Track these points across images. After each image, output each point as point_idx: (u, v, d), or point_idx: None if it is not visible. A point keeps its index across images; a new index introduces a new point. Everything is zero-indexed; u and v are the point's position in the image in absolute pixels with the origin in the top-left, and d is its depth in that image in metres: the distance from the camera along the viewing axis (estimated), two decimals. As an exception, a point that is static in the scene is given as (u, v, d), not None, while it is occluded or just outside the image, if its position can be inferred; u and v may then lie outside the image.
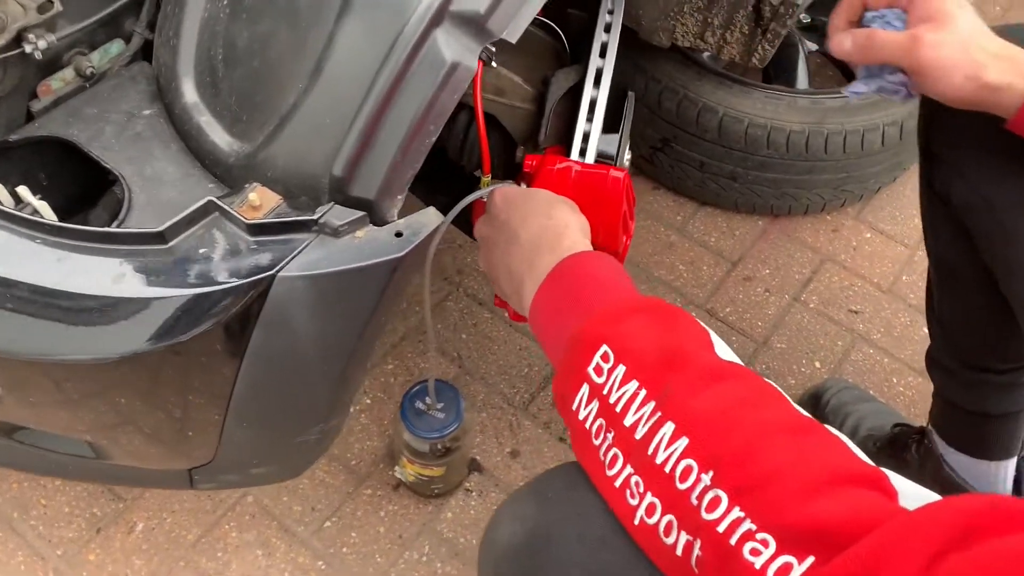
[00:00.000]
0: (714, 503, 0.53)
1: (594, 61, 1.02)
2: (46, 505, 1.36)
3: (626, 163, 1.13)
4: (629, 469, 0.59)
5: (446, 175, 1.19)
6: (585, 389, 0.64)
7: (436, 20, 0.66)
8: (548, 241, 0.78)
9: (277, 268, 0.67)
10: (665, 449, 0.57)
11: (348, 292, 0.70)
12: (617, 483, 0.60)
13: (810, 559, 0.49)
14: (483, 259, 0.89)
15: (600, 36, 1.04)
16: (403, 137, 0.68)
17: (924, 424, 1.27)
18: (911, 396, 1.53)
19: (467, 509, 1.38)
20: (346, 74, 0.68)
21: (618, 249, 1.03)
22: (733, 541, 0.52)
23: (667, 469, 0.56)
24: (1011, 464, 1.15)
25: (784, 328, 1.61)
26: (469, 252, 1.68)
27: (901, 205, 1.78)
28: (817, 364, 1.56)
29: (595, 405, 0.62)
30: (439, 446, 1.28)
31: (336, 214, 0.69)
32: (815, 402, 1.44)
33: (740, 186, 1.64)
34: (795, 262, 1.69)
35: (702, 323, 0.67)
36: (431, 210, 0.72)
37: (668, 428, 0.57)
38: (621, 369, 0.62)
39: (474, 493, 1.40)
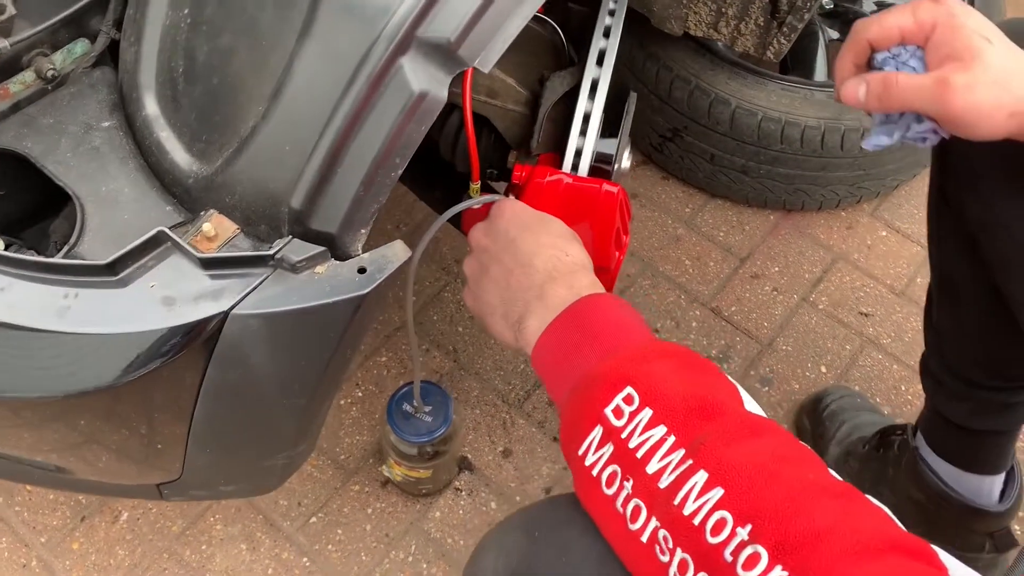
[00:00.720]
0: (752, 560, 0.50)
1: (590, 70, 0.96)
2: (31, 491, 1.35)
3: (626, 165, 1.08)
4: (655, 522, 0.55)
5: (441, 169, 1.15)
6: (597, 432, 0.59)
7: (402, 47, 0.61)
8: (564, 276, 0.74)
9: (230, 306, 0.64)
10: (695, 500, 0.53)
11: (307, 331, 0.66)
12: (644, 538, 0.56)
13: None
14: (474, 267, 0.84)
15: (598, 42, 0.97)
16: (366, 170, 0.63)
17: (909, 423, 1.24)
18: (919, 405, 1.47)
19: (456, 509, 1.36)
20: (306, 101, 0.64)
21: (610, 265, 0.98)
22: None
23: (696, 521, 0.52)
24: (998, 479, 1.11)
25: (791, 329, 1.56)
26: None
27: (920, 203, 1.70)
28: (823, 369, 1.52)
29: (608, 449, 0.58)
30: (427, 449, 1.25)
31: (294, 249, 0.65)
32: (815, 405, 1.40)
33: (752, 180, 1.57)
34: (806, 260, 1.63)
35: (731, 378, 0.63)
36: (398, 244, 0.68)
37: (700, 477, 0.53)
38: (647, 413, 0.57)
39: (464, 493, 1.37)
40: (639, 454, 0.56)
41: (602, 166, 1.02)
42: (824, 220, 1.68)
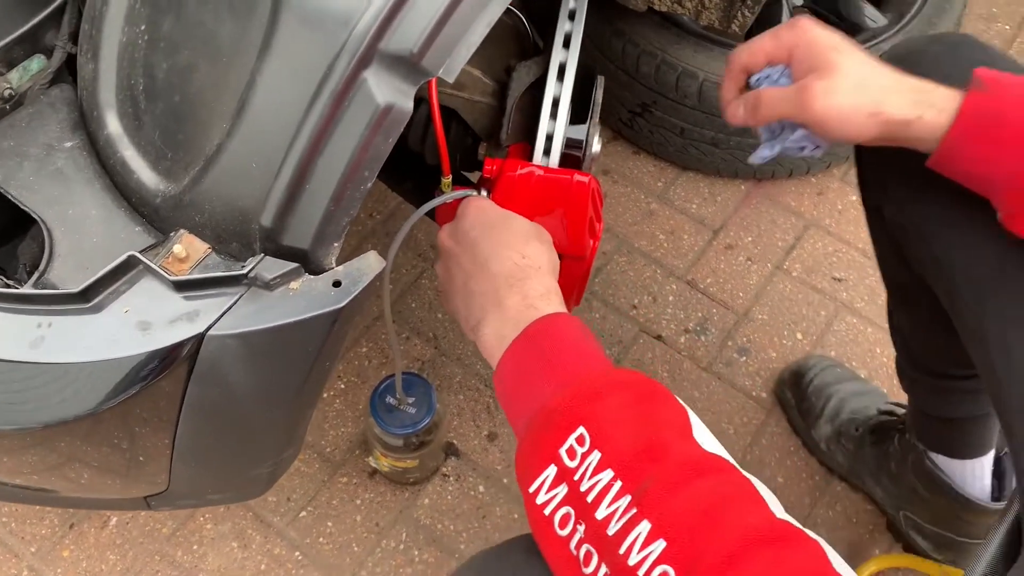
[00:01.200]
0: None
1: (557, 53, 0.95)
2: (17, 502, 1.34)
3: (597, 149, 1.08)
4: (605, 569, 0.55)
5: (412, 161, 1.14)
6: (551, 471, 0.59)
7: (365, 61, 0.60)
8: (519, 282, 0.74)
9: (206, 328, 0.63)
10: (640, 551, 0.53)
11: (285, 347, 0.66)
12: None
13: None
14: (441, 269, 0.85)
15: (564, 25, 0.97)
16: (335, 186, 0.63)
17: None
18: (893, 368, 1.50)
19: (444, 495, 1.37)
20: (270, 117, 0.63)
21: (584, 254, 0.98)
22: None
23: (640, 573, 0.53)
24: (986, 460, 1.15)
25: (766, 298, 1.57)
26: (443, 226, 1.64)
27: (889, 166, 1.72)
28: (799, 335, 1.54)
29: (563, 490, 0.58)
30: (413, 440, 1.26)
31: (267, 266, 0.64)
32: (797, 380, 1.42)
33: (722, 152, 1.58)
34: (778, 228, 1.65)
35: (680, 400, 0.63)
36: (372, 255, 0.68)
37: (644, 527, 0.54)
38: (596, 456, 0.58)
39: (451, 478, 1.38)
40: (589, 498, 0.57)
41: (573, 152, 1.02)
42: (795, 187, 1.69)
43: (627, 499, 0.55)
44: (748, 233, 1.64)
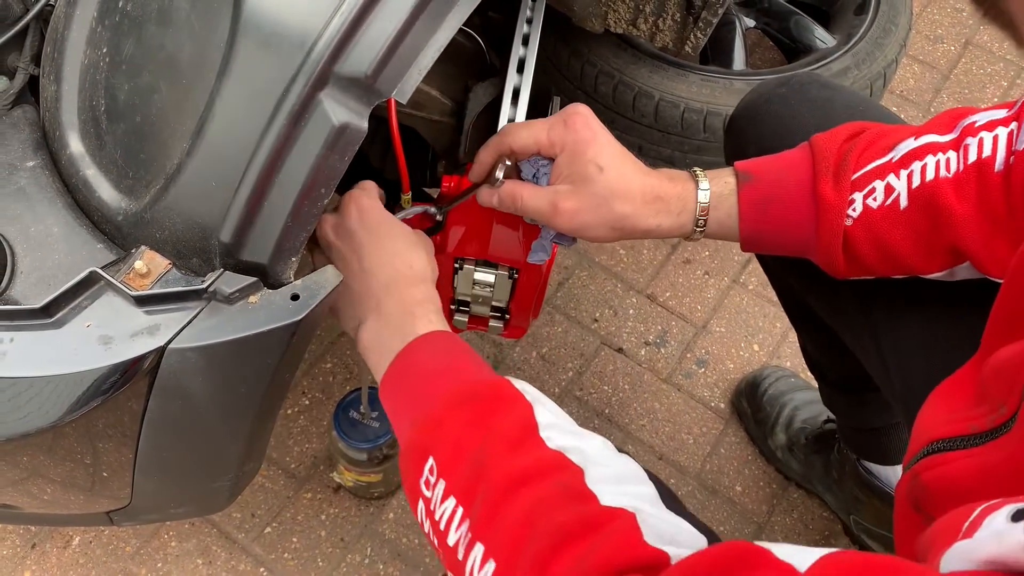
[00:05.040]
0: None
1: (511, 78, 0.98)
2: (-21, 522, 1.34)
3: (554, 167, 1.11)
4: None
5: (372, 176, 1.17)
6: (421, 504, 0.63)
7: (320, 83, 0.62)
8: (399, 288, 0.76)
9: (166, 341, 0.65)
10: (479, 574, 0.56)
11: (245, 359, 0.68)
12: None
13: None
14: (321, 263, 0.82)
15: (518, 51, 1.00)
16: (292, 202, 0.65)
17: None
18: (847, 377, 1.55)
19: (409, 509, 1.38)
20: (229, 137, 0.65)
21: (541, 268, 1.01)
22: None
23: None
24: None
25: (723, 311, 1.61)
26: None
27: (841, 181, 1.77)
28: (756, 347, 1.57)
29: (429, 521, 0.62)
30: (376, 454, 1.27)
31: (227, 281, 0.66)
32: (753, 390, 1.45)
33: (679, 169, 1.61)
34: (734, 243, 1.68)
35: (528, 393, 0.65)
36: (330, 268, 0.70)
37: (479, 551, 0.56)
38: (441, 485, 0.61)
39: (415, 492, 1.40)
40: (442, 526, 0.60)
41: (529, 171, 1.05)
42: (751, 203, 1.73)
43: (467, 524, 0.58)
44: (705, 248, 1.68)
